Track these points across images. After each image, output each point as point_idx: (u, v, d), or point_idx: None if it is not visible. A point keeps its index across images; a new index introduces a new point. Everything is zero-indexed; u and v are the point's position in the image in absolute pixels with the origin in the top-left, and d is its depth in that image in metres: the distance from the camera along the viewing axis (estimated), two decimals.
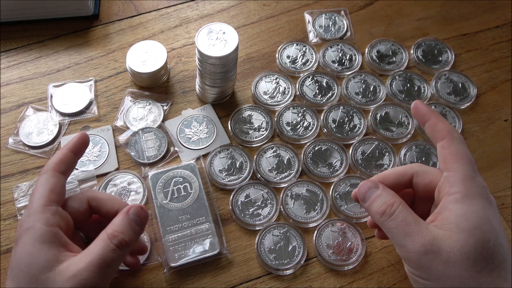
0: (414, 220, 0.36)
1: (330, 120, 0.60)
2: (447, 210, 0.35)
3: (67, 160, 0.42)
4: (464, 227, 0.34)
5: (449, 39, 0.69)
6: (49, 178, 0.40)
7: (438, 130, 0.39)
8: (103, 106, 0.61)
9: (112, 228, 0.38)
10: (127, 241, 0.37)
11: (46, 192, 0.39)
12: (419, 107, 0.42)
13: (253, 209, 0.54)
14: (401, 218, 0.36)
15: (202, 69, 0.56)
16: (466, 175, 0.36)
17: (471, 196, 0.35)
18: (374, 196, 0.38)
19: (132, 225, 0.38)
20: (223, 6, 0.71)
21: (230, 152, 0.57)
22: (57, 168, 0.41)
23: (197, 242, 0.51)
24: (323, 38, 0.68)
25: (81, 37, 0.67)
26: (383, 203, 0.37)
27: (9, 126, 0.59)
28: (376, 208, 0.38)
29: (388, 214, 0.37)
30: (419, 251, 0.34)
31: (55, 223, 0.37)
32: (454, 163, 0.37)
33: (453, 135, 0.39)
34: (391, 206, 0.37)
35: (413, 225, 0.35)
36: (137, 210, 0.39)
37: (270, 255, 0.51)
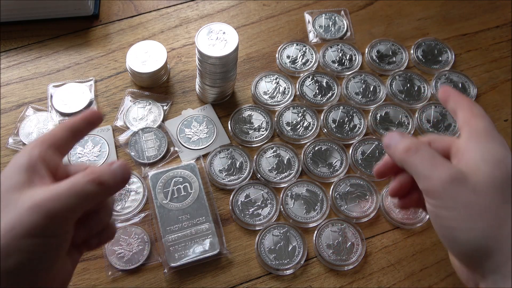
0: (440, 156, 0.36)
1: (330, 120, 0.60)
2: (468, 150, 0.35)
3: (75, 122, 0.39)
4: (490, 159, 0.34)
5: (449, 39, 0.69)
6: (54, 129, 0.38)
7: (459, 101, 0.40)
8: (103, 106, 0.61)
9: (90, 168, 0.35)
10: (104, 180, 0.34)
11: (43, 136, 0.37)
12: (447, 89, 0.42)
13: (253, 209, 0.54)
14: (427, 152, 0.36)
15: (202, 69, 0.56)
16: (488, 126, 0.36)
17: (491, 136, 0.36)
18: (401, 139, 0.38)
19: (112, 172, 0.35)
20: (223, 6, 0.71)
21: (230, 152, 0.57)
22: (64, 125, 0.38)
23: (197, 242, 0.51)
24: (323, 38, 0.68)
25: (81, 37, 0.67)
26: (410, 142, 0.37)
27: (9, 126, 0.59)
28: (401, 147, 0.38)
29: (414, 150, 0.37)
30: (446, 179, 0.34)
31: (39, 155, 0.35)
32: (474, 119, 0.37)
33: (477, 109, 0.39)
34: (417, 144, 0.37)
35: (440, 159, 0.36)
36: (121, 164, 0.36)
37: (270, 255, 0.51)
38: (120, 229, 0.52)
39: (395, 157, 0.39)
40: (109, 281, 0.49)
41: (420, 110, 0.62)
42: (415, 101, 0.63)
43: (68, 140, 0.38)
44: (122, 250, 0.50)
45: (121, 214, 0.53)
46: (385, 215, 0.54)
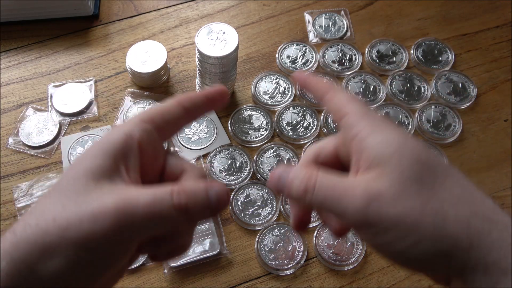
0: (339, 180, 0.29)
1: (330, 120, 0.60)
2: (363, 151, 0.29)
3: (196, 98, 0.32)
4: (390, 152, 0.28)
5: (449, 39, 0.69)
6: (167, 104, 0.31)
7: (320, 87, 0.34)
8: (103, 106, 0.61)
9: (181, 185, 0.27)
10: (190, 209, 0.27)
11: (152, 111, 0.30)
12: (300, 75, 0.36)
13: (253, 209, 0.54)
14: (326, 185, 0.29)
15: (202, 69, 0.55)
16: (363, 111, 0.31)
17: (378, 124, 0.30)
18: (289, 179, 0.31)
19: (206, 201, 0.28)
20: (223, 6, 0.71)
21: (230, 152, 0.57)
22: (180, 100, 0.31)
23: (197, 242, 0.51)
24: (323, 38, 0.68)
25: (81, 37, 0.67)
26: (301, 181, 0.30)
27: (9, 126, 0.59)
28: (296, 191, 0.30)
29: (311, 189, 0.29)
30: (362, 207, 0.27)
31: (139, 139, 0.28)
32: (346, 106, 0.31)
33: (336, 88, 0.33)
34: (310, 179, 0.30)
35: (341, 185, 0.29)
36: (220, 190, 0.28)
37: (270, 255, 0.51)
38: None
39: (295, 202, 0.34)
40: None
41: (420, 110, 0.62)
42: (415, 101, 0.63)
43: (181, 120, 0.31)
44: None
45: None
46: None
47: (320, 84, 0.34)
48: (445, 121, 0.61)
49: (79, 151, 0.57)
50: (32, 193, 0.53)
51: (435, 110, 0.62)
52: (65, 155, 0.57)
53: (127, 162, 0.28)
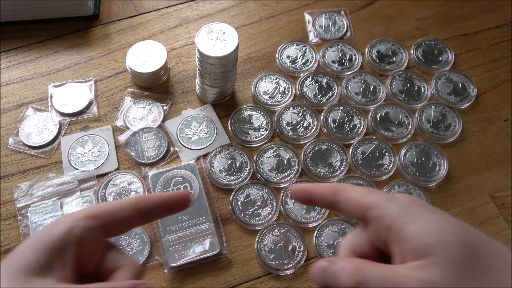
0: (389, 270, 0.29)
1: (330, 120, 0.60)
2: (404, 242, 0.29)
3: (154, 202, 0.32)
4: (434, 241, 0.28)
5: (449, 39, 0.69)
6: (121, 203, 0.31)
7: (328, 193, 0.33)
8: (103, 106, 0.61)
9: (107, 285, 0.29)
10: None
11: (102, 206, 0.30)
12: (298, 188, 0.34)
13: (253, 209, 0.54)
14: (377, 275, 0.29)
15: (202, 69, 0.56)
16: (387, 198, 0.30)
17: (410, 210, 0.29)
18: (336, 273, 0.30)
19: None
20: (223, 6, 0.71)
21: (230, 152, 0.57)
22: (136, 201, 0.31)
23: (197, 242, 0.51)
24: (323, 38, 0.68)
25: (81, 37, 0.67)
26: (348, 272, 0.29)
27: (9, 126, 0.59)
28: (347, 283, 0.29)
29: (361, 281, 0.29)
30: None
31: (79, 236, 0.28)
32: (367, 200, 0.31)
33: (344, 186, 0.32)
34: (359, 270, 0.29)
35: (393, 275, 0.28)
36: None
37: (270, 255, 0.51)
38: None
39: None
40: None
41: (420, 110, 0.62)
42: (415, 101, 0.63)
43: (131, 222, 0.31)
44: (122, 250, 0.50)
45: None
46: None
47: (325, 189, 0.33)
48: (445, 121, 0.61)
49: (79, 151, 0.57)
50: (32, 193, 0.54)
51: (435, 110, 0.62)
52: (65, 155, 0.57)
53: (62, 258, 0.28)
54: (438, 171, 0.57)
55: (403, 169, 0.57)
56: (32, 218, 0.52)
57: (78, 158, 0.56)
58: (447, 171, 0.57)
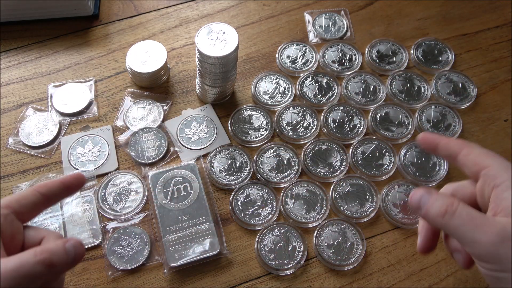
0: (478, 213, 0.34)
1: (330, 120, 0.60)
2: (503, 199, 0.34)
3: (52, 186, 0.38)
4: None
5: (449, 39, 0.69)
6: (25, 191, 0.37)
7: (453, 145, 0.38)
8: (103, 106, 0.61)
9: (42, 246, 0.34)
10: (54, 262, 0.33)
11: (10, 197, 0.36)
12: (426, 136, 0.40)
13: (253, 209, 0.54)
14: (466, 213, 0.34)
15: (202, 69, 0.56)
16: (504, 165, 0.35)
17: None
18: (431, 200, 0.36)
19: (65, 253, 0.34)
20: (223, 6, 0.71)
21: (230, 152, 0.57)
22: (37, 187, 0.37)
23: (197, 242, 0.51)
24: (323, 38, 0.68)
25: (81, 37, 0.67)
26: (442, 203, 0.35)
27: (9, 126, 0.59)
28: (435, 211, 0.35)
29: (450, 212, 0.34)
30: (495, 241, 0.32)
31: (3, 223, 0.34)
32: (486, 160, 0.36)
33: (470, 144, 0.38)
34: (452, 205, 0.35)
35: (480, 218, 0.33)
36: (75, 242, 0.35)
37: (270, 255, 0.51)
38: (120, 229, 0.52)
39: (430, 221, 0.37)
40: (109, 281, 0.49)
41: (420, 110, 0.62)
42: (415, 101, 0.63)
43: (38, 205, 0.37)
44: (122, 250, 0.50)
45: (121, 214, 0.53)
46: (385, 215, 0.54)
47: (452, 142, 0.38)
48: (445, 121, 0.61)
49: (79, 151, 0.57)
50: None
51: (435, 110, 0.62)
52: (65, 155, 0.57)
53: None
54: (438, 171, 0.57)
55: (403, 169, 0.57)
56: None
57: (78, 158, 0.56)
58: (447, 171, 0.57)
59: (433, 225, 0.38)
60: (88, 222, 0.52)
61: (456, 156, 0.38)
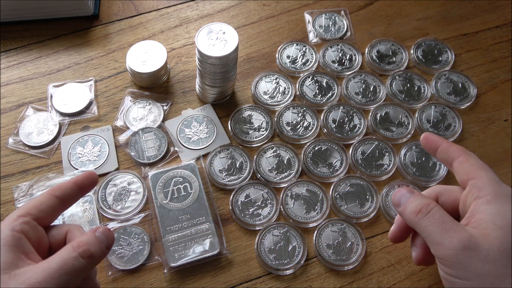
0: (450, 219, 0.36)
1: (330, 120, 0.60)
2: (479, 212, 0.35)
3: (66, 188, 0.39)
4: (501, 225, 0.34)
5: (449, 39, 0.69)
6: (41, 196, 0.38)
7: (452, 151, 0.40)
8: (103, 106, 0.61)
9: (77, 240, 0.36)
10: (92, 252, 0.35)
11: (27, 205, 0.37)
12: (429, 137, 0.43)
13: (253, 209, 0.54)
14: (438, 216, 0.36)
15: (202, 69, 0.56)
16: (492, 179, 0.37)
17: (502, 196, 0.36)
18: (410, 199, 0.39)
19: (97, 240, 0.37)
20: (223, 6, 0.71)
21: (230, 152, 0.57)
22: (52, 191, 0.39)
23: (197, 242, 0.51)
24: (323, 38, 0.68)
25: (81, 37, 0.67)
26: (419, 203, 0.38)
27: (9, 126, 0.59)
28: (411, 208, 0.38)
29: (424, 212, 0.37)
30: (457, 247, 0.34)
31: (22, 230, 0.35)
32: (478, 171, 0.38)
33: (468, 152, 0.40)
34: (427, 206, 0.37)
35: (450, 223, 0.36)
36: (104, 229, 0.38)
37: (270, 255, 0.51)
38: (120, 229, 0.52)
39: (404, 218, 0.40)
40: (109, 281, 0.49)
41: (420, 110, 0.62)
42: (415, 101, 0.63)
43: (56, 208, 0.38)
44: (122, 250, 0.50)
45: (121, 214, 0.53)
46: (385, 215, 0.54)
47: (452, 147, 0.41)
48: (445, 121, 0.61)
49: (79, 151, 0.57)
50: (32, 193, 0.54)
51: (435, 110, 0.62)
52: (65, 155, 0.57)
53: (23, 249, 0.34)
54: (438, 171, 0.57)
55: (403, 169, 0.57)
56: None
57: (78, 158, 0.56)
58: (447, 171, 0.57)
59: (407, 222, 0.40)
60: (88, 222, 0.52)
61: (452, 161, 0.40)
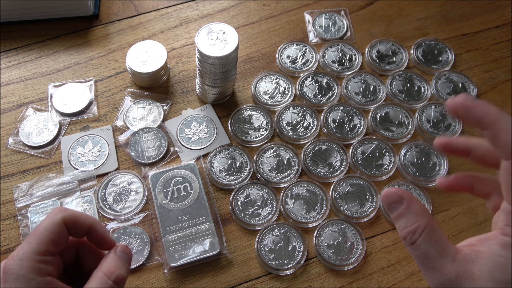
0: (438, 252, 0.32)
1: (330, 120, 0.60)
2: (490, 250, 0.31)
3: (81, 222, 0.39)
4: (497, 279, 0.30)
5: (449, 39, 0.69)
6: (56, 227, 0.38)
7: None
8: (103, 106, 0.61)
9: (107, 265, 0.38)
10: (123, 275, 0.38)
11: (47, 241, 0.37)
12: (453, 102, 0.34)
13: (253, 209, 0.54)
14: (423, 251, 0.32)
15: (202, 69, 0.56)
16: None
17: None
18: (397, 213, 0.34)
19: (122, 261, 0.39)
20: (223, 6, 0.71)
21: (230, 152, 0.57)
22: (67, 220, 0.39)
23: (197, 242, 0.51)
24: (323, 38, 0.68)
25: (81, 37, 0.67)
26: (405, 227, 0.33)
27: (9, 126, 0.59)
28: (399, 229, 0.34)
29: (408, 241, 0.33)
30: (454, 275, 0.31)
31: (48, 272, 0.36)
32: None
33: (505, 116, 0.33)
34: (413, 234, 0.32)
35: (435, 259, 0.32)
36: (123, 248, 0.40)
37: (270, 255, 0.51)
38: (120, 229, 0.52)
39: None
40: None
41: (420, 110, 0.62)
42: (415, 101, 0.63)
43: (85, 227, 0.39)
44: None
45: (121, 214, 0.53)
46: (385, 215, 0.54)
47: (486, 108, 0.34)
48: (445, 121, 0.61)
49: (79, 151, 0.57)
50: (32, 193, 0.54)
51: (435, 110, 0.62)
52: (65, 155, 0.57)
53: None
54: (438, 171, 0.57)
55: (403, 169, 0.57)
56: (32, 218, 0.52)
57: (78, 158, 0.56)
58: (447, 171, 0.57)
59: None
60: None
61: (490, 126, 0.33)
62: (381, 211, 0.55)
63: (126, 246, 0.41)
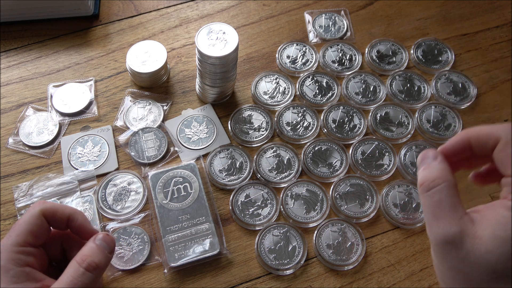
0: (450, 205, 0.33)
1: (330, 120, 0.60)
2: (494, 212, 0.33)
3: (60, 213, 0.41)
4: (498, 236, 0.31)
5: (449, 39, 0.69)
6: (34, 219, 0.39)
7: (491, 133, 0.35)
8: (103, 106, 0.61)
9: (81, 254, 0.38)
10: (97, 263, 0.38)
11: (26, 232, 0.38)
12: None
13: (253, 209, 0.54)
14: (437, 198, 0.34)
15: (202, 69, 0.56)
16: None
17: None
18: (425, 165, 0.36)
19: (100, 249, 0.39)
20: (223, 6, 0.71)
21: (230, 152, 0.57)
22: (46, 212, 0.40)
23: (197, 242, 0.51)
24: (323, 38, 0.68)
25: (81, 37, 0.67)
26: (426, 175, 0.35)
27: (9, 126, 0.59)
28: (419, 177, 0.35)
29: (425, 188, 0.34)
30: (439, 239, 0.33)
31: (27, 263, 0.37)
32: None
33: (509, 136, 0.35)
34: (431, 182, 0.34)
35: (445, 210, 0.33)
36: (103, 236, 0.40)
37: (270, 255, 0.51)
38: (120, 229, 0.52)
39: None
40: (109, 281, 0.49)
41: (420, 110, 0.62)
42: (415, 101, 0.63)
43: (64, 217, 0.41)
44: (122, 250, 0.50)
45: (121, 214, 0.53)
46: (385, 215, 0.54)
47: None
48: (445, 121, 0.61)
49: (79, 151, 0.57)
50: (32, 193, 0.53)
51: (435, 110, 0.62)
52: (65, 155, 0.57)
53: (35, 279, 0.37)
54: None
55: (403, 169, 0.57)
56: None
57: (78, 158, 0.56)
58: None
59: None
60: None
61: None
62: (381, 211, 0.55)
63: (107, 234, 0.40)
